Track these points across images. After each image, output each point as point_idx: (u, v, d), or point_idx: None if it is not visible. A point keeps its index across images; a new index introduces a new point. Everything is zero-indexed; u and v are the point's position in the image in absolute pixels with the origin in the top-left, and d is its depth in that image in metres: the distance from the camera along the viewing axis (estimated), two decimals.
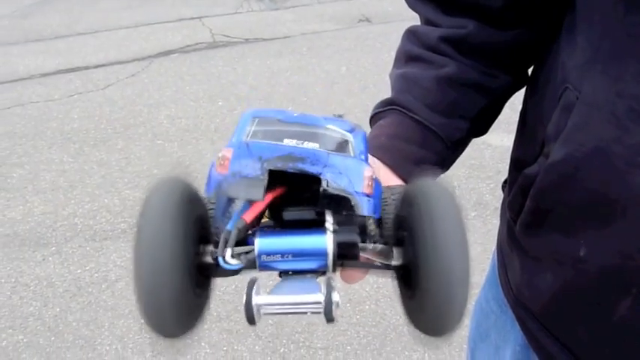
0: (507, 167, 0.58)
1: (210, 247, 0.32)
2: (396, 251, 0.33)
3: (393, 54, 0.59)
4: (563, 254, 0.46)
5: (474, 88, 0.54)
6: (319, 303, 0.30)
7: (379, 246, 0.34)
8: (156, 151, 2.78)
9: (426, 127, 0.53)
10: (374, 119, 0.56)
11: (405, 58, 0.57)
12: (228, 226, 0.32)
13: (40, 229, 2.22)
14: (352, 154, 0.35)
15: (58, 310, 1.85)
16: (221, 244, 0.31)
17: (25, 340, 1.74)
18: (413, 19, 0.57)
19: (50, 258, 2.07)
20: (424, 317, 0.31)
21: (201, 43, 4.25)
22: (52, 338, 1.74)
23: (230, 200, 0.34)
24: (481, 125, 0.57)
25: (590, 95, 0.42)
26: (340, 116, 0.39)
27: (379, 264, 0.35)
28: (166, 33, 4.48)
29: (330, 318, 0.30)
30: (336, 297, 0.30)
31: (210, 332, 1.74)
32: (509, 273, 0.57)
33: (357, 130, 0.37)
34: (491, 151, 2.64)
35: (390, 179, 0.49)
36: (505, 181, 0.60)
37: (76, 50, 4.17)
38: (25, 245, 2.14)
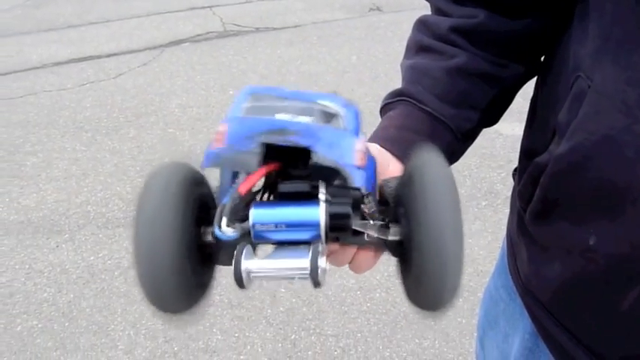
0: (518, 156, 0.58)
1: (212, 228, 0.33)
2: (393, 228, 0.34)
3: (404, 43, 0.59)
4: (573, 243, 0.46)
5: (485, 78, 0.54)
6: (305, 268, 0.31)
7: (378, 222, 0.35)
8: (167, 139, 2.79)
9: (435, 118, 0.53)
10: (384, 110, 0.56)
11: (415, 48, 0.57)
12: (225, 200, 0.33)
13: (54, 217, 2.25)
14: (344, 128, 0.35)
15: (71, 296, 1.87)
16: (217, 215, 0.32)
17: (39, 325, 1.77)
18: (424, 7, 0.57)
19: (63, 245, 2.10)
20: (419, 292, 0.32)
21: (212, 32, 4.25)
22: (66, 324, 1.77)
23: (233, 180, 0.35)
24: (492, 115, 0.57)
25: (601, 84, 0.41)
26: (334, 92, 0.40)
27: (375, 239, 0.36)
28: (177, 22, 4.48)
29: (316, 282, 0.31)
30: (322, 263, 0.31)
31: (222, 319, 1.76)
32: (518, 262, 0.57)
33: (350, 106, 0.38)
34: (503, 140, 2.62)
35: (398, 171, 0.49)
36: (515, 170, 0.60)
37: (88, 39, 4.18)
38: (38, 232, 2.17)
